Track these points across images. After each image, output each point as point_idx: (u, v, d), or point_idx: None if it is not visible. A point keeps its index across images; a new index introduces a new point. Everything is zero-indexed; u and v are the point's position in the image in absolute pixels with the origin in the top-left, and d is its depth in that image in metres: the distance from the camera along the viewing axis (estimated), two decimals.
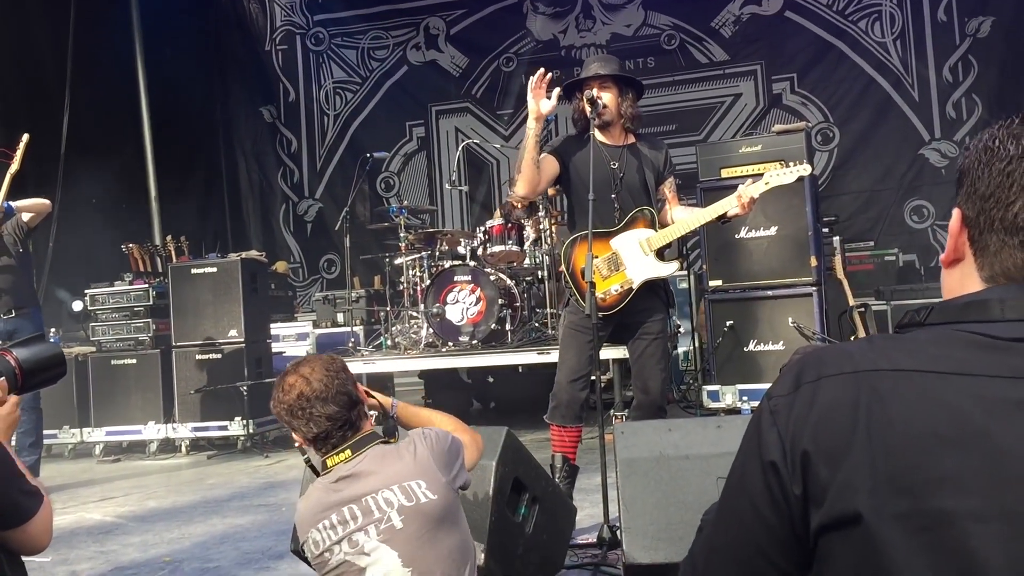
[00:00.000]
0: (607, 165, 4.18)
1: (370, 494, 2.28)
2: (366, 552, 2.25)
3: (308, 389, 2.34)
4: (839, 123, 10.68)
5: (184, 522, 5.30)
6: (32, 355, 1.95)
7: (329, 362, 2.43)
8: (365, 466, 2.33)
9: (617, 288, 4.18)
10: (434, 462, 2.35)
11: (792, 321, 6.53)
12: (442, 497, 2.30)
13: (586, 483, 4.83)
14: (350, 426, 2.37)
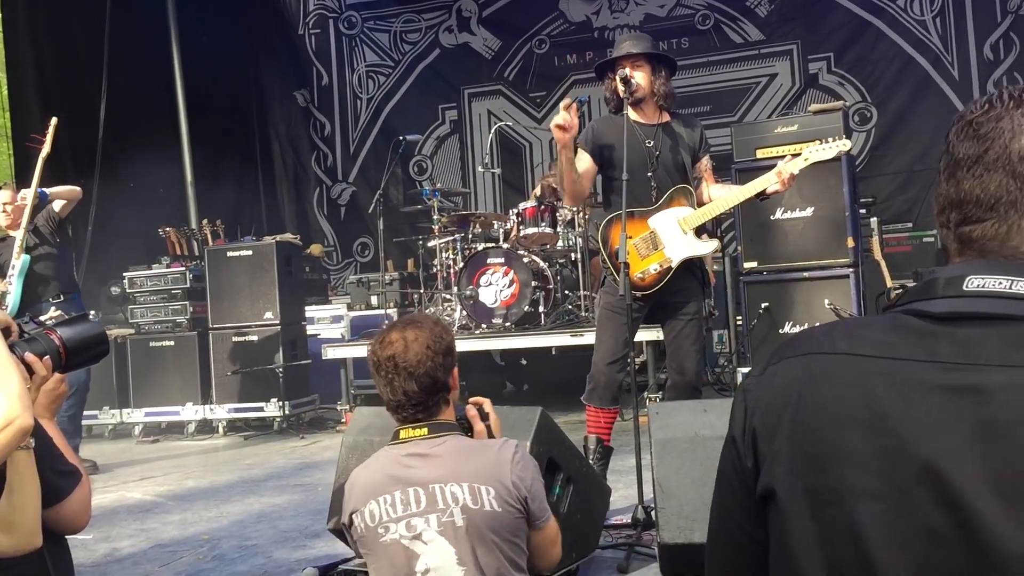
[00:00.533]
0: (642, 143, 4.16)
1: (438, 483, 2.22)
2: (423, 540, 2.21)
3: (401, 357, 2.27)
4: (877, 103, 10.51)
5: (222, 501, 5.38)
6: (75, 334, 1.99)
7: (435, 338, 2.31)
8: (442, 452, 2.26)
9: (656, 267, 4.16)
10: (511, 478, 2.24)
11: (828, 303, 6.46)
12: (506, 513, 2.22)
13: (620, 464, 4.83)
14: (424, 408, 2.31)
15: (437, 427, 2.31)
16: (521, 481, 2.23)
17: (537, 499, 2.27)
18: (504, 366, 9.27)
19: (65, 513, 2.21)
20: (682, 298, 4.23)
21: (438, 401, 2.32)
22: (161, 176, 10.97)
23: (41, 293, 6.20)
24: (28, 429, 1.71)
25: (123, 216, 9.74)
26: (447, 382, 2.32)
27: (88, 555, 4.33)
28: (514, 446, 2.30)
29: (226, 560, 4.15)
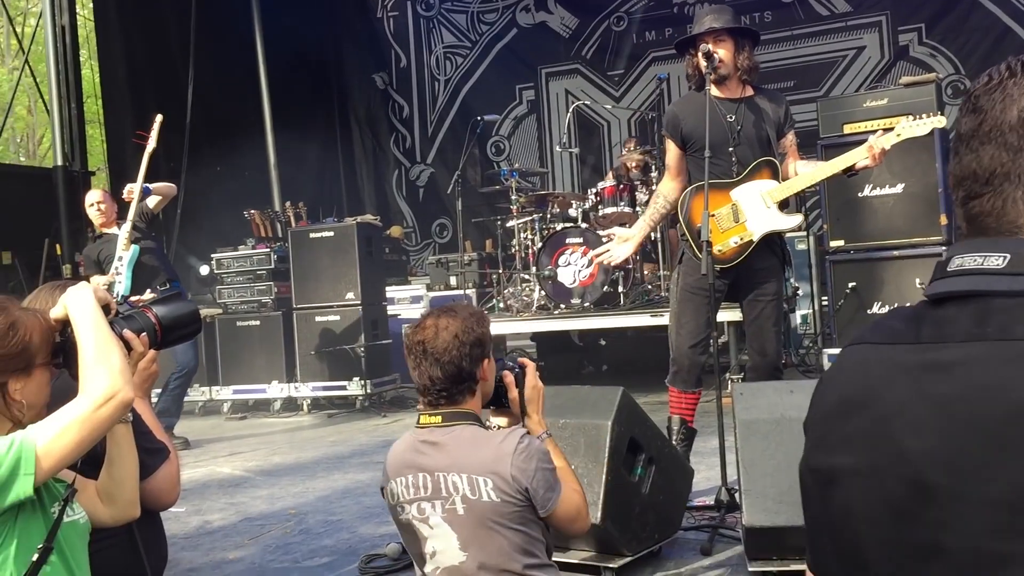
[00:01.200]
0: (723, 119, 4.06)
1: (442, 472, 2.29)
2: (430, 524, 2.30)
3: (430, 342, 2.32)
4: (971, 75, 10.09)
5: (308, 477, 5.50)
6: (170, 312, 2.04)
7: (466, 328, 2.34)
8: (450, 441, 2.31)
9: (736, 240, 4.05)
10: (512, 469, 2.25)
11: (920, 282, 6.26)
12: (505, 504, 2.25)
13: (702, 446, 4.77)
14: (448, 396, 2.34)
15: (452, 416, 2.35)
16: (522, 473, 2.24)
17: (541, 488, 2.27)
18: (583, 346, 9.25)
19: (151, 489, 2.28)
20: (762, 278, 4.12)
21: (463, 391, 2.35)
22: (246, 160, 11.22)
23: (148, 282, 6.42)
24: (129, 402, 1.77)
25: (210, 199, 10.00)
26: (473, 372, 2.34)
27: (181, 527, 4.48)
28: (519, 437, 2.30)
29: (312, 534, 4.24)
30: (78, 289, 1.87)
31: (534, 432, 2.45)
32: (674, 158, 4.26)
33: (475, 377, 2.35)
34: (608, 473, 3.10)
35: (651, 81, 11.33)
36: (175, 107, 10.44)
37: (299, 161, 12.19)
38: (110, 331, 1.83)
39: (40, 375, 1.87)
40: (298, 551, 4.00)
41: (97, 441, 1.79)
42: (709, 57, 4.02)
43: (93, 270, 6.51)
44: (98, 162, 11.79)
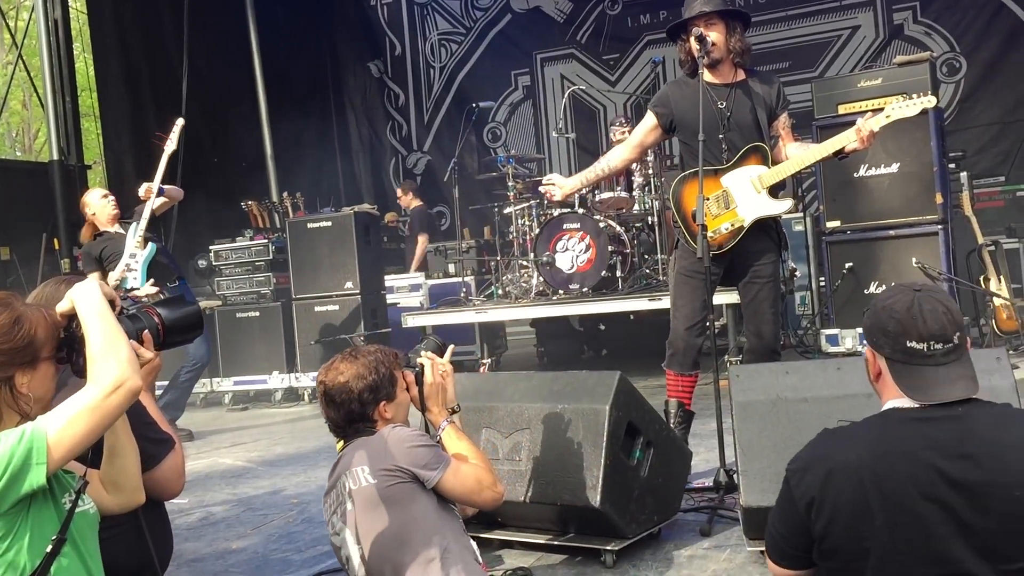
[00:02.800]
0: (714, 105, 4.05)
1: (339, 481, 2.57)
2: (340, 534, 2.56)
3: (329, 384, 2.62)
4: (966, 53, 10.08)
5: (309, 466, 5.52)
6: (174, 315, 2.09)
7: (359, 376, 2.60)
8: (344, 455, 2.60)
9: (727, 226, 4.08)
10: (381, 453, 2.50)
11: (916, 262, 6.28)
12: (381, 482, 2.46)
13: (700, 428, 4.80)
14: (343, 432, 2.65)
15: (350, 436, 2.65)
16: (394, 453, 2.47)
17: (416, 462, 2.48)
18: (582, 331, 9.27)
19: (158, 478, 2.34)
20: (757, 260, 4.14)
21: (358, 430, 2.61)
22: (242, 151, 11.22)
23: (160, 280, 6.47)
24: (138, 390, 1.79)
25: (207, 191, 9.99)
26: (366, 413, 2.60)
27: (185, 519, 4.51)
28: (389, 428, 2.57)
29: (315, 523, 4.27)
30: (85, 284, 1.89)
31: (435, 423, 2.75)
32: (644, 131, 4.32)
33: (369, 418, 2.61)
34: (607, 457, 3.12)
35: (646, 65, 11.30)
36: (170, 99, 10.44)
37: (296, 151, 12.18)
38: (117, 323, 1.85)
39: (46, 369, 1.89)
40: (300, 540, 4.03)
41: (107, 429, 1.83)
42: (702, 41, 4.02)
43: (92, 267, 6.51)
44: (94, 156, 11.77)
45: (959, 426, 1.81)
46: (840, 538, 1.86)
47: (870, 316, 1.98)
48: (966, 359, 1.88)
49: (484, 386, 3.69)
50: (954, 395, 1.84)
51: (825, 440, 1.97)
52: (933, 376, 1.85)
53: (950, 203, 6.59)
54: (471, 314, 7.88)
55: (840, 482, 1.84)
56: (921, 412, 1.85)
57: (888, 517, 1.79)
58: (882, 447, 1.84)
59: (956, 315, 1.89)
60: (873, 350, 1.97)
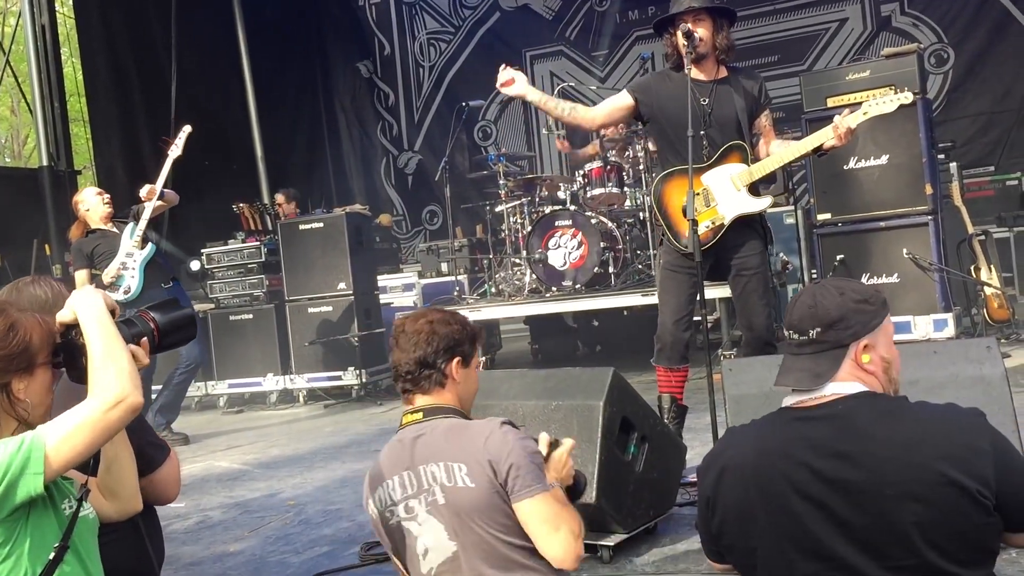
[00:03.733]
0: (696, 101, 4.05)
1: (423, 464, 2.28)
2: (419, 521, 2.28)
3: (408, 325, 2.41)
4: (954, 43, 10.12)
5: (306, 468, 5.53)
6: (168, 317, 2.10)
7: (444, 320, 2.42)
8: (429, 432, 2.32)
9: (708, 224, 4.10)
10: (484, 455, 2.21)
11: (907, 252, 6.31)
12: (480, 488, 2.20)
13: (695, 423, 4.81)
14: (413, 382, 2.37)
15: (433, 410, 2.36)
16: (494, 454, 2.20)
17: (515, 470, 2.18)
18: (576, 328, 9.28)
19: (157, 482, 2.36)
20: (743, 253, 4.16)
21: (428, 377, 2.36)
22: (233, 153, 11.20)
23: (156, 280, 6.53)
24: (138, 407, 1.79)
25: (198, 193, 9.98)
26: (438, 363, 2.36)
27: (181, 523, 4.51)
28: (497, 424, 2.28)
29: (312, 524, 4.28)
30: (87, 293, 1.89)
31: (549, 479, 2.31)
32: (617, 107, 4.29)
33: (440, 368, 2.37)
34: (601, 453, 3.13)
35: (635, 60, 11.32)
36: (160, 102, 10.42)
37: (286, 153, 12.17)
38: (119, 336, 1.85)
39: (43, 374, 1.89)
40: (298, 541, 4.04)
41: (106, 443, 1.82)
42: (689, 36, 4.03)
43: (83, 263, 6.52)
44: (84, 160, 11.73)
45: (837, 424, 1.81)
46: (732, 536, 1.90)
47: None
48: (823, 359, 1.85)
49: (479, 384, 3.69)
50: (786, 384, 1.89)
51: (726, 438, 2.03)
52: (785, 363, 1.92)
53: (940, 193, 6.61)
54: (465, 313, 7.86)
55: (729, 481, 1.88)
56: (803, 411, 1.86)
57: (769, 516, 1.82)
58: (764, 445, 1.87)
59: (822, 311, 1.86)
60: None
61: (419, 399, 2.39)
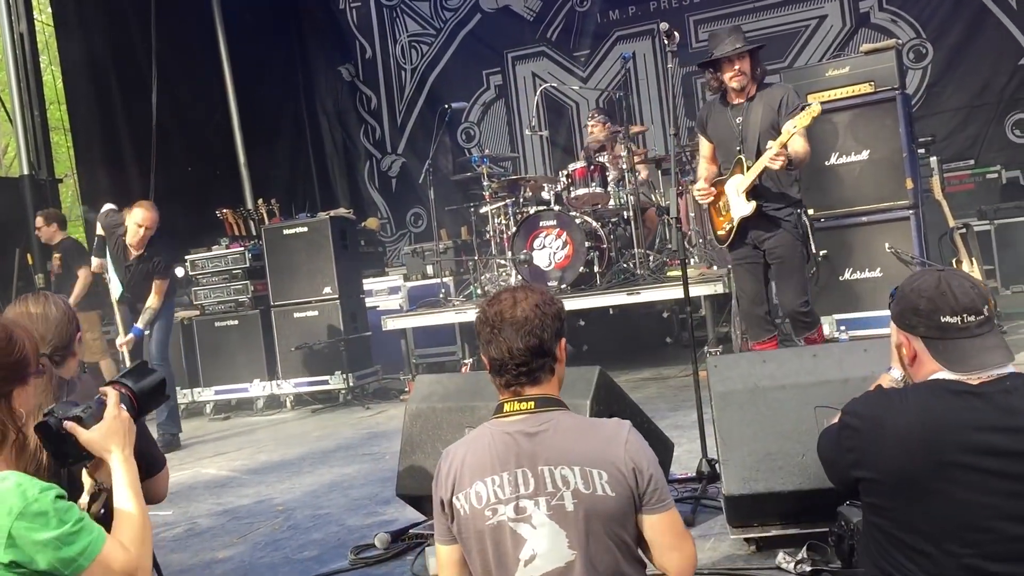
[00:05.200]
0: (732, 123, 4.95)
1: (548, 465, 2.07)
2: (532, 524, 2.07)
3: (509, 312, 2.15)
4: (932, 38, 10.18)
5: (294, 473, 5.52)
6: (143, 385, 2.16)
7: (546, 300, 2.20)
8: (551, 429, 2.11)
9: (728, 226, 5.06)
10: (625, 461, 2.07)
11: (889, 247, 6.35)
12: (619, 498, 2.06)
13: (682, 419, 4.84)
14: (528, 372, 2.14)
15: (544, 401, 2.15)
16: (636, 463, 2.06)
17: (655, 481, 2.09)
18: None
19: (160, 479, 2.57)
20: (769, 244, 4.96)
21: (543, 367, 2.16)
22: (215, 159, 11.16)
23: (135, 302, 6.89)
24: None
25: (181, 200, 9.94)
26: (553, 348, 2.17)
27: (170, 531, 4.49)
28: (628, 427, 2.14)
29: (301, 529, 4.27)
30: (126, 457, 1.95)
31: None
32: (707, 150, 5.24)
33: (554, 354, 2.17)
34: None
35: (617, 60, 11.35)
36: (141, 109, 10.38)
37: (269, 158, 12.14)
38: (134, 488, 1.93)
39: (34, 384, 1.91)
40: (287, 546, 4.03)
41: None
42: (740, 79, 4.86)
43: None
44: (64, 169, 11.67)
45: (1008, 400, 1.90)
46: (886, 496, 1.98)
47: (898, 301, 2.09)
48: (996, 330, 1.98)
49: (466, 385, 3.71)
50: (993, 362, 1.94)
51: (880, 401, 2.06)
52: (970, 347, 1.95)
53: (920, 188, 6.65)
54: (451, 315, 7.89)
55: (891, 443, 1.95)
56: (970, 387, 1.94)
57: (936, 484, 1.89)
58: (931, 417, 1.93)
59: (982, 289, 2.00)
60: (906, 333, 2.06)
61: (528, 390, 2.16)
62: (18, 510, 1.64)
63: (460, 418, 3.44)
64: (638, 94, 11.49)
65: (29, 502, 1.65)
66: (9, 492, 1.66)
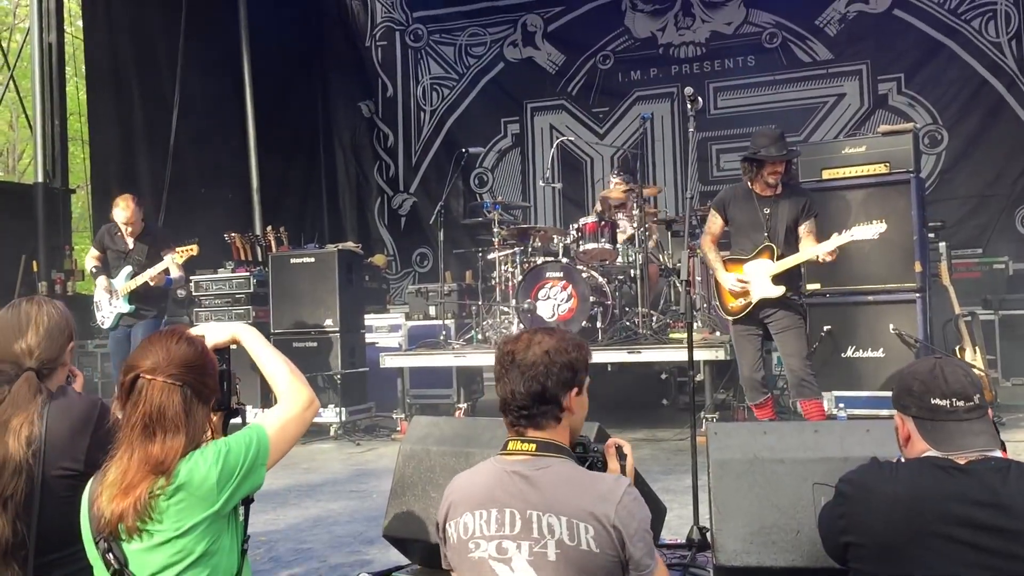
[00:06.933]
0: (759, 211, 5.62)
1: (536, 510, 2.07)
2: (511, 567, 2.06)
3: (520, 354, 2.18)
4: (948, 125, 10.30)
5: (279, 505, 5.45)
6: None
7: (559, 349, 2.19)
8: (547, 477, 2.11)
9: (744, 301, 5.65)
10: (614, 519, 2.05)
11: (893, 328, 6.35)
12: (604, 555, 2.04)
13: (675, 484, 4.79)
14: (528, 416, 2.17)
15: (546, 446, 2.16)
16: (625, 525, 2.04)
17: (641, 547, 2.06)
18: None
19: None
20: (775, 318, 5.59)
21: (545, 413, 2.17)
22: (228, 182, 11.22)
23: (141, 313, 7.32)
24: (318, 408, 2.37)
25: (191, 221, 9.97)
26: (557, 396, 2.17)
27: None
28: (625, 485, 2.12)
29: (282, 562, 4.20)
30: (243, 325, 2.47)
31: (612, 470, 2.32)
32: (717, 228, 5.85)
33: (559, 402, 2.18)
34: None
35: (635, 119, 11.47)
36: (160, 128, 10.47)
37: (282, 186, 12.21)
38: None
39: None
40: None
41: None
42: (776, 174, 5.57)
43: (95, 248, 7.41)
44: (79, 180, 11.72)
45: (993, 478, 2.00)
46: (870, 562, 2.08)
47: (896, 383, 2.22)
48: (987, 419, 2.09)
49: (463, 430, 3.67)
50: (977, 446, 2.05)
51: (871, 471, 2.17)
52: (957, 429, 2.07)
53: (929, 272, 6.67)
54: (449, 357, 7.86)
55: (879, 508, 2.06)
56: (956, 464, 2.04)
57: (920, 552, 1.98)
58: (919, 488, 2.03)
59: (975, 379, 2.12)
60: (901, 414, 2.19)
61: (531, 432, 2.18)
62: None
63: (455, 463, 3.39)
64: (653, 155, 11.58)
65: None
66: None
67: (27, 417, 2.34)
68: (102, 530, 2.01)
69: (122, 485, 2.00)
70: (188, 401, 2.10)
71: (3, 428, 2.32)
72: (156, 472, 2.00)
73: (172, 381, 2.08)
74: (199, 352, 2.19)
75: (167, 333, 2.20)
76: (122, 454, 2.05)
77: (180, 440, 2.04)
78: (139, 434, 2.04)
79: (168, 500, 1.99)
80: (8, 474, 2.27)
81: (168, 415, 2.05)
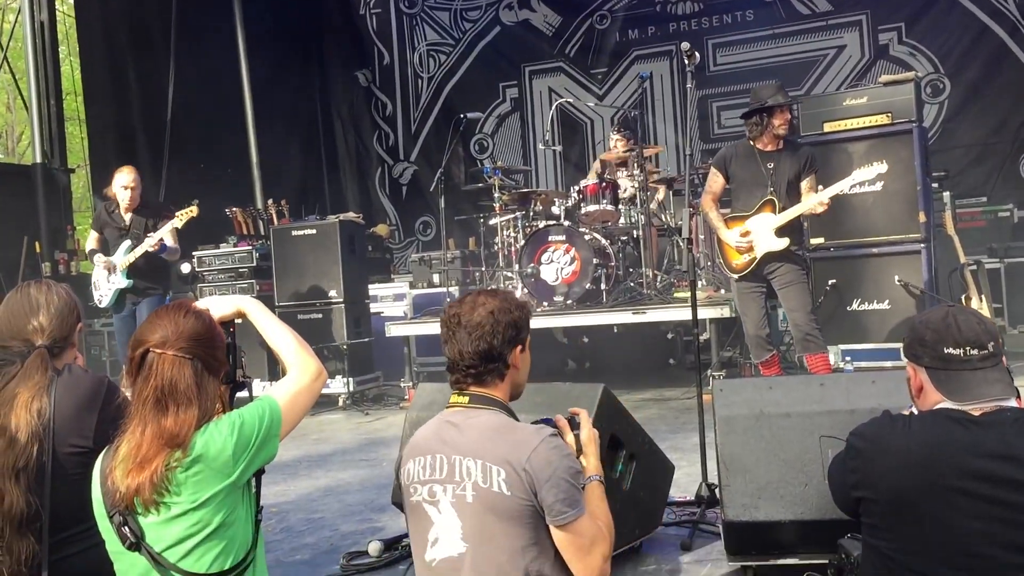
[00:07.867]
0: (763, 166, 5.58)
1: (459, 455, 2.20)
2: (439, 509, 2.22)
3: (466, 315, 2.29)
4: (950, 74, 10.18)
5: (289, 476, 5.48)
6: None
7: (503, 309, 2.31)
8: (473, 425, 2.24)
9: (749, 257, 5.62)
10: (525, 464, 2.13)
11: (899, 279, 6.33)
12: (515, 499, 2.13)
13: (683, 442, 4.80)
14: (476, 375, 2.29)
15: (480, 399, 2.29)
16: (537, 470, 2.11)
17: (555, 493, 2.12)
18: (566, 344, 9.26)
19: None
20: (779, 273, 5.57)
21: (491, 372, 2.29)
22: (227, 157, 11.17)
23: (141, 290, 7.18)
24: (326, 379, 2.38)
25: (191, 196, 9.93)
26: (503, 354, 2.29)
27: None
28: (546, 435, 2.19)
29: (294, 532, 4.24)
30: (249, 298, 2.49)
31: (586, 472, 2.33)
32: (718, 187, 5.79)
33: (505, 359, 2.30)
34: None
35: (634, 79, 11.36)
36: (157, 104, 10.40)
37: (281, 158, 12.15)
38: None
39: None
40: (279, 549, 3.99)
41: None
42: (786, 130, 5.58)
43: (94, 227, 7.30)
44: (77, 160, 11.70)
45: (1008, 430, 1.96)
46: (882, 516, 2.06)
47: (908, 333, 2.17)
48: (1001, 367, 2.05)
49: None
50: (993, 395, 2.01)
51: (883, 426, 2.13)
52: (971, 379, 2.03)
53: (933, 222, 6.63)
54: None
55: (891, 465, 2.03)
56: (970, 417, 2.01)
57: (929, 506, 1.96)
58: (931, 442, 2.00)
59: (989, 325, 2.08)
60: (913, 363, 2.14)
61: (472, 388, 2.31)
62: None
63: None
64: (653, 114, 11.49)
65: None
66: None
67: (36, 391, 2.36)
68: (117, 504, 2.01)
69: (137, 459, 2.01)
70: (199, 374, 2.11)
71: (14, 401, 2.34)
72: (171, 445, 2.01)
73: (182, 354, 2.09)
74: (207, 325, 2.20)
75: (174, 307, 2.20)
76: (134, 428, 2.05)
77: (193, 413, 2.05)
78: (151, 408, 2.04)
79: (185, 472, 2.01)
80: (20, 444, 2.29)
81: (180, 388, 2.06)
